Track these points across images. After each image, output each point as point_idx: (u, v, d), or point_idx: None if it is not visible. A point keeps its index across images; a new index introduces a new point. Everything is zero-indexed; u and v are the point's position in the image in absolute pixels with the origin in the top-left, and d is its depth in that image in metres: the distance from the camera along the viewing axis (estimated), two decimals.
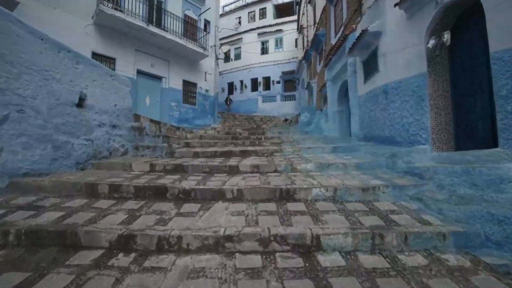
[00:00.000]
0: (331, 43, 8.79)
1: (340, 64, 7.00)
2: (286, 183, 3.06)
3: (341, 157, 4.52)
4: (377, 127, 4.84)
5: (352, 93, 6.06)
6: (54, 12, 7.63)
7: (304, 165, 3.84)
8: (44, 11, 7.42)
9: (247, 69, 24.44)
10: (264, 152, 4.97)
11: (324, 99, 9.73)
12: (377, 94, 4.80)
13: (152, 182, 3.09)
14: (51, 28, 7.52)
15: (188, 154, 4.92)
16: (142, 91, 10.37)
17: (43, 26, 7.38)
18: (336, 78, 7.63)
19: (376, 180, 3.17)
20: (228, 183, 3.12)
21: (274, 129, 10.46)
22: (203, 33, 12.08)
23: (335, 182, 3.07)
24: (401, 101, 4.06)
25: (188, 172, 3.78)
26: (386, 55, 4.48)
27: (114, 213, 2.44)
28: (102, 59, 9.01)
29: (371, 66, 5.14)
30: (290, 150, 5.02)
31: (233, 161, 4.31)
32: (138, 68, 10.03)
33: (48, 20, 7.41)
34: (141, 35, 9.71)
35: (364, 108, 5.48)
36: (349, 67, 6.12)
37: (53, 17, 7.59)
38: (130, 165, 3.92)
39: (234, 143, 5.94)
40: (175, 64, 11.40)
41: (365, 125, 5.46)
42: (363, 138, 5.60)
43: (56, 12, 7.68)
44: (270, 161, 4.24)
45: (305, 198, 2.76)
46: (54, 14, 7.63)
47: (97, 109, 4.54)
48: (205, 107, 12.83)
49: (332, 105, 7.97)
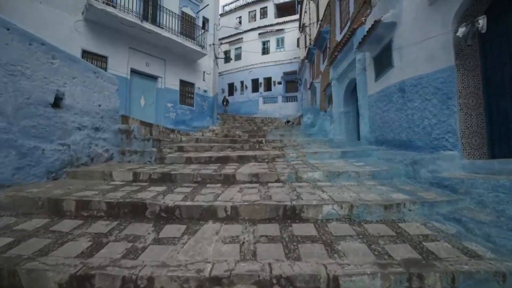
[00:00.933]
0: (336, 40, 8.33)
1: (347, 61, 6.53)
2: (291, 197, 2.57)
3: (351, 163, 4.02)
4: (391, 129, 4.35)
5: (361, 92, 5.58)
6: (39, 7, 7.20)
7: (311, 174, 3.35)
8: (28, 5, 7.00)
9: (247, 70, 24.07)
10: (264, 158, 4.48)
11: (328, 99, 9.25)
12: (391, 93, 4.32)
13: (130, 196, 2.61)
14: (36, 24, 7.11)
15: (179, 160, 4.44)
16: (137, 92, 9.93)
17: (26, 21, 6.98)
18: (342, 76, 7.16)
19: (398, 193, 2.68)
20: (222, 197, 2.63)
21: (276, 131, 9.98)
22: (201, 31, 11.65)
23: (349, 196, 2.58)
24: (421, 100, 3.57)
25: (176, 182, 3.30)
26: (402, 48, 4.00)
27: (75, 239, 1.96)
28: (93, 58, 8.60)
29: (383, 62, 4.66)
30: (293, 155, 4.53)
31: (229, 169, 3.82)
32: (132, 67, 9.60)
33: (33, 16, 6.99)
34: (135, 32, 9.28)
35: (375, 108, 5.00)
36: (358, 64, 5.65)
37: (39, 12, 7.17)
38: (111, 174, 3.44)
39: (232, 147, 5.46)
40: (171, 63, 10.97)
41: (376, 127, 4.97)
42: (374, 142, 5.11)
43: (41, 6, 7.26)
44: (272, 169, 3.75)
45: (315, 218, 2.27)
46: (40, 9, 7.21)
47: (77, 110, 4.08)
48: (203, 108, 12.37)
49: (338, 105, 7.49)
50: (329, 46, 9.24)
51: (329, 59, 8.63)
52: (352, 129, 7.20)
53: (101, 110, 4.62)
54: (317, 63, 11.74)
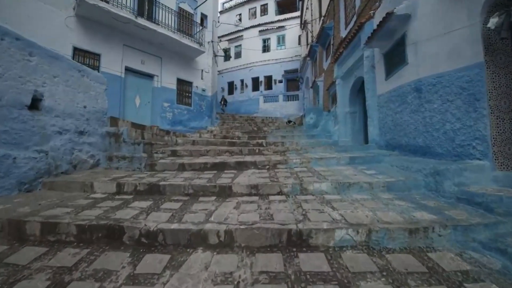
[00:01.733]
0: (340, 36, 7.92)
1: (353, 58, 6.13)
2: (296, 216, 2.20)
3: (362, 171, 3.64)
4: (405, 133, 3.97)
5: (369, 91, 5.19)
6: (27, 1, 6.81)
7: (318, 185, 2.97)
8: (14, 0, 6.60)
9: (247, 68, 23.66)
10: (265, 164, 4.10)
11: (332, 99, 8.86)
12: (404, 93, 3.93)
13: (107, 215, 2.23)
14: (23, 20, 6.75)
15: (171, 167, 4.07)
16: (131, 91, 9.55)
17: (12, 17, 6.62)
18: (348, 75, 6.76)
19: (421, 211, 2.30)
20: (215, 215, 2.26)
21: (277, 132, 9.59)
22: (199, 28, 11.25)
23: (364, 216, 2.20)
24: (442, 101, 3.18)
25: (165, 195, 2.93)
26: (418, 43, 3.60)
27: (31, 276, 1.59)
28: (85, 55, 8.23)
29: (395, 59, 4.27)
30: (297, 161, 4.15)
31: (226, 177, 3.45)
32: (126, 65, 9.22)
33: (20, 11, 6.61)
34: (130, 28, 8.89)
35: (386, 109, 4.61)
36: (366, 61, 5.25)
37: (26, 7, 6.78)
38: (92, 184, 3.07)
39: (230, 151, 5.08)
40: (168, 61, 10.58)
41: (387, 130, 4.59)
42: (384, 146, 4.73)
43: (29, 1, 6.86)
44: (273, 178, 3.38)
45: (325, 245, 1.90)
46: (27, 4, 6.82)
47: (58, 112, 3.71)
48: (202, 108, 11.99)
49: (343, 105, 7.10)
50: (332, 43, 8.84)
51: (333, 56, 8.23)
52: (358, 130, 6.81)
53: (87, 111, 4.25)
54: (320, 61, 11.34)
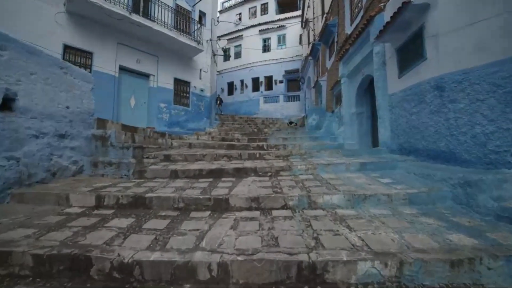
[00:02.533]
0: (345, 33, 7.54)
1: (361, 55, 5.74)
2: (307, 241, 1.80)
3: (375, 179, 3.24)
4: (423, 136, 3.57)
5: (379, 91, 4.80)
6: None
7: (328, 197, 2.58)
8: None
9: (248, 68, 23.30)
10: (267, 171, 3.70)
11: (336, 99, 8.47)
12: (422, 91, 3.54)
13: (75, 240, 1.84)
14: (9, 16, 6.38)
15: (163, 174, 3.67)
16: (126, 91, 9.16)
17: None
18: (355, 73, 6.37)
19: (457, 232, 1.90)
20: (207, 239, 1.86)
21: (278, 134, 9.21)
22: (197, 26, 10.87)
23: (390, 240, 1.81)
24: (469, 101, 2.79)
25: (151, 210, 2.53)
26: (439, 36, 3.21)
27: None
28: (77, 53, 7.85)
29: (411, 54, 3.88)
30: (302, 167, 3.75)
31: (223, 187, 3.05)
32: (121, 64, 8.83)
33: (5, 5, 6.23)
34: (124, 26, 8.51)
35: (399, 110, 4.21)
36: (376, 58, 4.86)
37: (13, 1, 6.41)
38: (68, 197, 2.68)
39: (228, 156, 4.68)
40: (165, 60, 10.20)
41: (401, 132, 4.19)
42: (396, 150, 4.33)
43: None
44: (276, 187, 2.98)
45: (346, 281, 1.51)
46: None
47: (35, 113, 3.32)
48: (200, 109, 11.59)
49: (349, 106, 6.70)
50: (336, 40, 8.46)
51: (338, 54, 7.85)
52: (365, 133, 6.42)
53: (70, 112, 3.86)
54: (323, 60, 10.96)
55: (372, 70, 5.27)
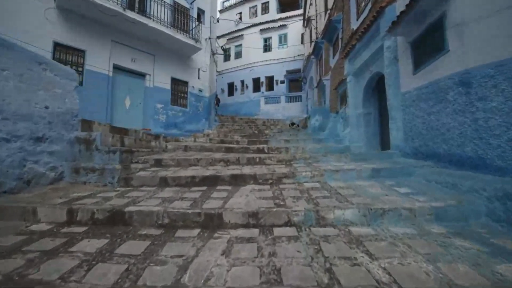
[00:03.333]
0: (351, 28, 7.17)
1: (369, 51, 5.37)
2: (317, 275, 1.42)
3: (391, 189, 2.86)
4: (444, 139, 3.18)
5: (391, 89, 4.42)
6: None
7: (340, 212, 2.20)
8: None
9: (248, 68, 22.97)
10: (267, 178, 3.33)
11: (341, 99, 8.09)
12: (443, 88, 3.15)
13: (25, 273, 1.46)
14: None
15: (151, 181, 3.30)
16: (121, 91, 8.82)
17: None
18: (362, 71, 5.99)
19: (506, 261, 1.52)
20: (191, 272, 1.48)
21: (280, 135, 8.82)
22: (195, 23, 10.53)
23: (423, 273, 1.42)
24: (504, 98, 2.40)
25: (130, 227, 2.16)
26: (465, 24, 2.83)
27: None
28: (68, 52, 7.51)
29: (428, 47, 3.50)
30: (307, 173, 3.37)
31: (216, 198, 2.68)
32: (115, 63, 8.49)
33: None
34: (118, 23, 8.18)
35: (414, 109, 3.83)
36: (387, 53, 4.48)
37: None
38: (35, 210, 2.31)
39: (225, 161, 4.30)
40: (162, 59, 9.86)
41: (416, 134, 3.80)
42: (411, 154, 3.94)
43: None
44: (278, 199, 2.60)
45: None
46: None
47: (7, 114, 2.98)
48: (198, 110, 11.23)
49: (355, 106, 6.32)
50: (341, 37, 8.09)
51: (343, 51, 7.47)
52: (373, 134, 6.03)
53: (49, 113, 3.50)
54: (326, 58, 10.58)
55: (381, 67, 4.90)
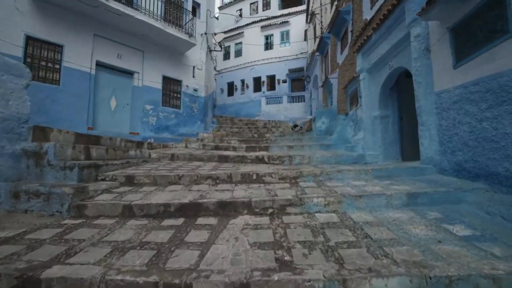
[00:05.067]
0: (363, 19, 6.36)
1: (389, 43, 4.56)
2: None
3: (443, 228, 2.04)
4: (506, 154, 2.36)
5: (421, 87, 3.60)
6: None
7: (380, 283, 1.38)
8: None
9: (249, 67, 22.23)
10: (267, 207, 2.52)
11: (351, 99, 7.27)
12: (506, 86, 2.34)
13: None
14: None
15: (111, 211, 2.51)
16: (105, 91, 8.05)
17: None
18: (379, 66, 5.18)
19: None
20: None
21: (282, 140, 8.01)
22: (189, 16, 9.76)
23: None
24: None
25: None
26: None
27: None
28: (43, 46, 6.76)
29: (478, 32, 2.69)
30: (319, 200, 2.56)
31: (191, 245, 1.88)
32: (98, 60, 7.73)
33: None
34: (102, 15, 7.41)
35: (456, 114, 3.01)
36: (415, 43, 3.67)
37: None
38: None
39: (213, 178, 3.48)
40: (152, 55, 9.09)
41: (459, 146, 2.99)
42: (452, 171, 3.12)
43: None
44: (282, 248, 1.79)
45: None
46: None
47: None
48: (193, 111, 10.45)
49: (370, 108, 5.51)
50: (351, 29, 7.28)
51: (354, 45, 6.66)
52: (392, 141, 5.21)
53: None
54: (333, 55, 9.77)
55: (405, 61, 4.08)
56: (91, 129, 7.41)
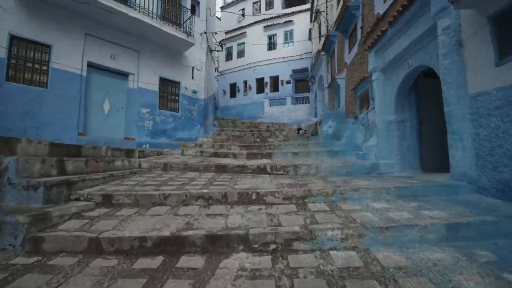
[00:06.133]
0: (375, 13, 5.84)
1: (408, 37, 4.03)
2: None
3: (496, 275, 1.52)
4: None
5: (451, 89, 3.07)
6: None
7: None
8: None
9: (251, 68, 21.79)
10: (268, 242, 2.01)
11: (361, 101, 6.73)
12: None
13: None
14: None
15: (74, 246, 2.03)
16: (98, 93, 7.62)
17: None
18: (395, 65, 4.65)
19: None
20: None
21: (286, 145, 7.50)
22: (188, 14, 9.31)
23: None
24: None
25: None
26: None
27: None
28: (29, 46, 6.35)
29: None
30: (335, 232, 2.05)
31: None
32: (90, 61, 7.30)
33: None
34: (93, 12, 6.99)
35: (500, 121, 2.48)
36: (444, 37, 3.14)
37: None
38: None
39: (205, 198, 2.98)
40: (148, 55, 8.65)
41: (504, 160, 2.45)
42: (494, 190, 2.58)
43: None
44: None
45: None
46: None
47: None
48: (192, 114, 9.98)
49: (384, 111, 4.97)
50: (361, 26, 6.76)
51: (365, 43, 6.14)
52: (410, 149, 4.67)
53: None
54: (340, 54, 9.24)
55: (429, 58, 3.56)
56: (82, 135, 6.98)
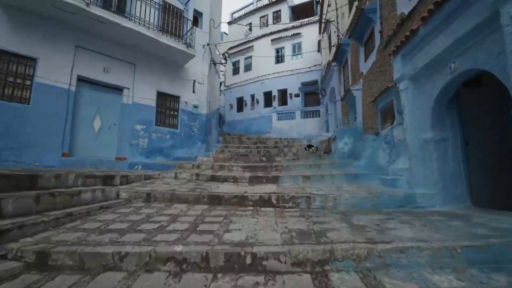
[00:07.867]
0: (397, 14, 5.07)
1: (449, 36, 3.19)
2: None
3: None
4: None
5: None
6: None
7: None
8: None
9: (259, 81, 21.39)
10: None
11: (383, 115, 5.85)
12: None
13: None
14: None
15: None
16: (88, 109, 7.05)
17: None
18: (430, 71, 3.79)
19: None
20: None
21: (295, 166, 6.61)
22: (188, 25, 8.83)
23: None
24: None
25: None
26: None
27: None
28: (12, 60, 5.86)
29: None
30: None
31: None
32: (80, 74, 6.78)
33: None
34: (84, 23, 6.54)
35: None
36: (510, 27, 2.29)
37: None
38: None
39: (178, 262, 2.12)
40: (144, 68, 8.12)
41: None
42: None
43: None
44: None
45: None
46: None
47: None
48: (193, 130, 9.28)
49: (417, 127, 4.07)
50: (380, 30, 5.99)
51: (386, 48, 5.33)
52: (454, 176, 3.70)
53: None
54: (354, 63, 8.47)
55: (484, 60, 2.70)
56: (66, 156, 6.34)
